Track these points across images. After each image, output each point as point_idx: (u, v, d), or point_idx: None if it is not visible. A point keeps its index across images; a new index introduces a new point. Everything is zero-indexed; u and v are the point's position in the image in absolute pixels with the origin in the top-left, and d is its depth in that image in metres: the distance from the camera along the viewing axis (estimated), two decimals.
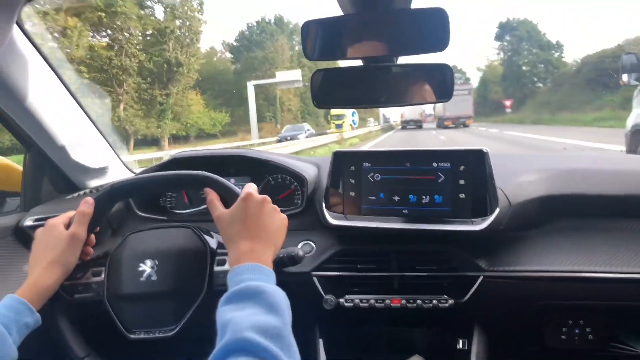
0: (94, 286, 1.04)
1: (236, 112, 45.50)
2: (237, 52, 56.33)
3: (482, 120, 50.85)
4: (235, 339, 0.66)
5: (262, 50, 53.14)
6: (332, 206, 1.29)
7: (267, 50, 53.03)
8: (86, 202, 1.01)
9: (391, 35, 0.93)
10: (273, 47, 53.49)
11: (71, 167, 1.55)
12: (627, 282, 1.18)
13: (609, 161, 1.60)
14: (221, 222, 0.92)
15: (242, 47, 56.14)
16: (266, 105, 49.31)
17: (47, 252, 0.96)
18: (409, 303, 1.22)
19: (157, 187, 1.14)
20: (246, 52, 54.66)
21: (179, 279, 1.01)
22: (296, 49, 57.81)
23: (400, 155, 1.26)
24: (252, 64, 52.42)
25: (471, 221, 1.19)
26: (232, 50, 57.22)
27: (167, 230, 1.11)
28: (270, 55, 52.69)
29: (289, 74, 38.17)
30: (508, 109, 43.24)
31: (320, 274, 1.28)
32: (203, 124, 41.80)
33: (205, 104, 44.07)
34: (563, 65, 58.43)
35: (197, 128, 40.79)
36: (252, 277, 0.79)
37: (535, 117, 39.41)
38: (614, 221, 1.29)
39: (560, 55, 60.57)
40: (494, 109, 58.34)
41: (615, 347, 1.28)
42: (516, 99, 52.53)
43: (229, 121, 44.87)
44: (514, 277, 1.22)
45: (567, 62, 58.50)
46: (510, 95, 55.82)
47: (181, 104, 37.46)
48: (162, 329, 0.98)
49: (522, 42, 62.10)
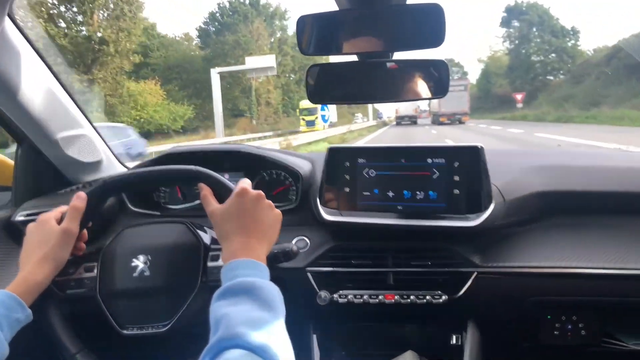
0: (86, 282, 1.03)
1: (207, 105, 38.13)
2: (207, 37, 49.57)
3: (485, 117, 47.18)
4: (228, 334, 0.65)
5: (234, 34, 46.46)
6: (327, 202, 1.29)
7: (240, 34, 46.33)
8: (79, 197, 1.00)
9: (387, 31, 0.92)
10: (247, 31, 46.90)
11: (63, 162, 1.53)
12: (619, 278, 1.19)
13: (603, 158, 1.61)
14: (215, 217, 0.92)
15: (212, 30, 49.79)
16: (242, 97, 45.51)
17: (39, 248, 0.95)
18: (402, 299, 1.23)
19: (151, 182, 1.13)
20: (216, 36, 48.31)
21: (172, 275, 1.01)
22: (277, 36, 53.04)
23: (395, 151, 1.26)
24: (222, 50, 45.94)
25: (466, 217, 1.19)
26: (201, 34, 50.62)
27: (161, 225, 1.11)
28: (243, 39, 46.12)
29: (260, 59, 33.84)
30: (519, 103, 37.38)
31: (314, 269, 1.28)
32: (161, 119, 35.19)
33: (169, 95, 38.55)
34: (579, 54, 51.34)
35: (157, 124, 34.56)
36: (246, 273, 0.79)
37: (559, 114, 32.91)
38: (607, 218, 1.30)
39: (575, 44, 53.32)
40: (498, 104, 53.38)
41: (607, 343, 1.29)
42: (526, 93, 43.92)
43: (193, 116, 39.38)
44: (507, 273, 1.22)
45: (584, 51, 51.71)
46: (519, 88, 49.32)
47: (116, 93, 30.30)
48: (155, 325, 0.98)
49: (532, 28, 54.52)
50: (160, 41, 43.86)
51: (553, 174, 1.36)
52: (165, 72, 41.01)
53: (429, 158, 1.23)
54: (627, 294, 1.22)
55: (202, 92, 40.78)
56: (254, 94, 45.29)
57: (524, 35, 55.66)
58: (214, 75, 30.75)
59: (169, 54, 43.75)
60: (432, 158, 1.23)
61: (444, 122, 36.28)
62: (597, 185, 1.32)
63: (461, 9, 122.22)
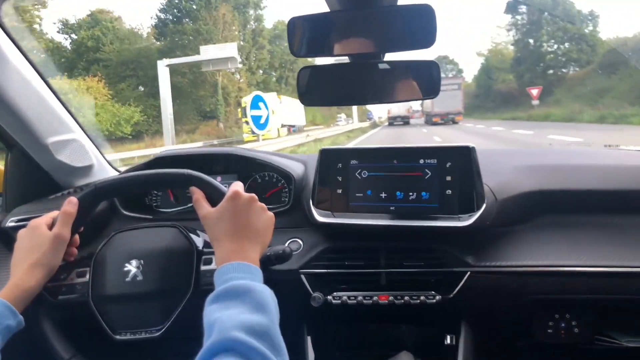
0: (78, 287, 1.02)
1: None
2: (164, 26, 41.47)
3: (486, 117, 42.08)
4: (222, 338, 0.65)
5: (195, 22, 39.50)
6: (320, 203, 1.29)
7: (201, 22, 39.08)
8: (70, 202, 0.99)
9: (378, 32, 0.93)
10: (210, 18, 39.39)
11: (54, 167, 1.52)
12: (611, 276, 1.20)
13: (593, 157, 1.62)
14: (207, 221, 0.91)
15: (169, 19, 41.81)
16: (208, 97, 39.28)
17: (30, 254, 0.94)
18: (396, 299, 1.23)
19: (142, 186, 1.13)
20: (174, 25, 40.93)
21: (165, 279, 1.00)
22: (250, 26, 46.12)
23: (387, 152, 1.26)
24: (180, 41, 39.12)
25: (458, 217, 1.20)
26: (158, 24, 42.02)
27: (153, 229, 1.10)
28: (204, 28, 38.96)
29: (218, 49, 27.84)
30: (535, 100, 29.99)
31: (308, 271, 1.28)
32: (102, 123, 28.21)
33: (120, 95, 32.90)
34: (600, 43, 41.30)
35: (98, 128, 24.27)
36: (239, 276, 0.79)
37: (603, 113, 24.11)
38: (599, 216, 1.31)
39: (594, 30, 44.24)
40: (502, 102, 47.40)
41: (600, 340, 1.29)
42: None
43: (142, 119, 32.48)
44: (500, 272, 1.23)
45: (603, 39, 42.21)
46: (527, 83, 41.59)
47: None
48: (149, 330, 0.97)
49: (543, 14, 44.26)
50: (114, 33, 37.96)
51: (544, 173, 1.37)
52: (118, 68, 35.49)
53: (421, 158, 1.23)
54: (619, 292, 1.23)
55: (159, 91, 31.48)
56: (220, 93, 39.47)
57: (533, 22, 47.27)
58: (162, 68, 25.21)
59: (123, 48, 37.62)
60: (424, 158, 1.23)
61: (437, 122, 34.99)
62: (587, 184, 1.33)
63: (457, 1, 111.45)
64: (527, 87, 36.91)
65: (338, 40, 0.95)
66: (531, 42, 48.45)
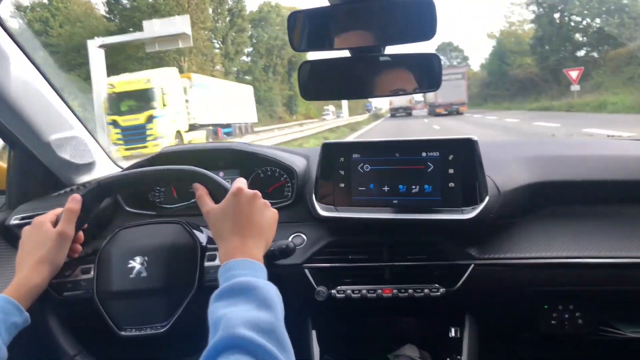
0: (83, 284, 1.03)
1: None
2: (116, 3, 35.70)
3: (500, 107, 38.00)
4: (228, 335, 0.65)
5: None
6: (322, 198, 1.29)
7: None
8: (73, 199, 0.99)
9: (378, 25, 0.92)
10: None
11: (57, 164, 1.52)
12: (615, 267, 1.20)
13: (596, 147, 1.61)
14: (211, 217, 0.91)
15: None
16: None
17: (35, 251, 0.95)
18: (400, 293, 1.23)
19: (146, 182, 1.13)
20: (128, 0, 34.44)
21: (169, 275, 1.00)
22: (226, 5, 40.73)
23: (390, 145, 1.26)
24: (130, 20, 32.20)
25: (461, 210, 1.20)
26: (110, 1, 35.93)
27: (157, 226, 1.10)
28: (162, 3, 32.71)
29: (166, 23, 21.97)
30: (575, 84, 21.73)
31: (311, 265, 1.28)
32: None
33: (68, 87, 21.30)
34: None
35: None
36: (243, 273, 0.79)
37: None
38: (602, 207, 1.30)
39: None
40: (518, 89, 41.31)
41: (604, 331, 1.29)
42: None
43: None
44: (504, 265, 1.23)
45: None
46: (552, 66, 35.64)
47: None
48: (153, 326, 0.97)
49: None
50: (66, 15, 32.61)
51: (547, 165, 1.36)
52: (68, 55, 29.82)
53: (423, 151, 1.23)
54: (623, 283, 1.22)
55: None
56: None
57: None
58: (94, 49, 19.82)
59: (74, 32, 31.53)
60: (426, 151, 1.23)
61: (441, 113, 33.71)
62: (590, 175, 1.33)
63: None
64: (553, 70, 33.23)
65: (338, 34, 0.95)
66: (557, 17, 39.73)
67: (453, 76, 33.31)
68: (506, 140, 2.40)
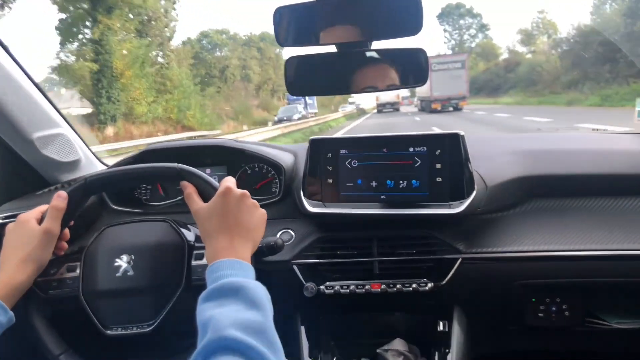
0: (68, 282, 1.02)
1: None
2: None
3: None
4: (217, 337, 0.65)
5: None
6: (310, 194, 1.29)
7: None
8: (59, 196, 0.98)
9: (364, 20, 0.92)
10: None
11: (41, 162, 1.50)
12: (601, 259, 1.21)
13: (582, 141, 1.63)
14: (199, 216, 0.91)
15: None
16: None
17: (19, 249, 0.93)
18: (389, 288, 1.23)
19: (133, 180, 1.12)
20: None
21: (156, 274, 0.99)
22: None
23: (377, 140, 1.26)
24: None
25: (449, 204, 1.20)
26: None
27: (143, 224, 1.09)
28: None
29: None
30: None
31: (300, 262, 1.28)
32: None
33: None
34: None
35: None
36: (231, 273, 0.79)
37: None
38: (587, 200, 1.32)
39: None
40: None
41: (590, 322, 1.31)
42: None
43: None
44: (491, 258, 1.24)
45: None
46: None
47: None
48: (140, 325, 0.97)
49: None
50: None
51: (534, 159, 1.38)
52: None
53: (411, 147, 1.23)
54: (609, 275, 1.24)
55: None
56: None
57: None
58: None
59: None
60: (413, 146, 1.23)
61: (436, 109, 28.79)
62: (576, 168, 1.34)
63: None
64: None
65: (324, 29, 0.94)
66: None
67: (452, 65, 29.49)
68: (493, 135, 2.43)
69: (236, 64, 55.45)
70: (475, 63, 63.24)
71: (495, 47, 68.58)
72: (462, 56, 31.51)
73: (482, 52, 69.33)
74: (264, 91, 58.42)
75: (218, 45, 57.23)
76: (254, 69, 57.70)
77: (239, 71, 55.65)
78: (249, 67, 57.06)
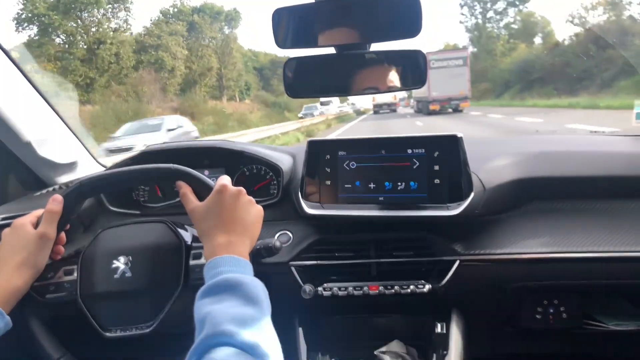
0: (66, 285, 1.01)
1: None
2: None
3: None
4: (214, 332, 0.65)
5: None
6: (309, 195, 1.29)
7: None
8: (54, 199, 0.97)
9: (363, 22, 0.92)
10: None
11: (38, 163, 1.50)
12: (599, 262, 1.21)
13: (580, 143, 1.63)
14: (195, 215, 0.91)
15: None
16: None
17: (15, 254, 0.93)
18: (386, 289, 1.23)
19: (129, 181, 1.11)
20: None
21: (154, 275, 0.99)
22: None
23: (375, 142, 1.26)
24: None
25: (447, 206, 1.20)
26: None
27: (140, 225, 1.09)
28: None
29: None
30: None
31: (298, 263, 1.28)
32: None
33: None
34: None
35: None
36: (229, 270, 0.79)
37: None
38: (585, 202, 1.32)
39: None
40: None
41: (588, 324, 1.31)
42: None
43: None
44: (489, 260, 1.24)
45: None
46: None
47: None
48: (139, 326, 0.96)
49: None
50: None
51: (531, 161, 1.38)
52: None
53: (409, 148, 1.23)
54: (606, 277, 1.24)
55: None
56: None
57: None
58: None
59: None
60: (412, 148, 1.23)
61: (435, 110, 26.01)
62: (574, 171, 1.34)
63: None
64: None
65: (323, 31, 0.95)
66: None
67: (452, 62, 26.48)
68: (491, 137, 2.43)
69: (130, 40, 35.32)
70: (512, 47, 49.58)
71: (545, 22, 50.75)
72: (464, 52, 28.56)
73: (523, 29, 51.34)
74: (201, 87, 40.17)
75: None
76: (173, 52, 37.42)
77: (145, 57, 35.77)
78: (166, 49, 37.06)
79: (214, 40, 44.04)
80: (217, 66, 42.76)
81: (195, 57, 40.91)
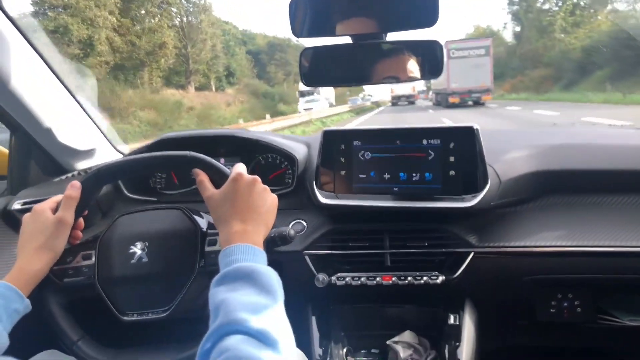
0: (84, 270, 1.03)
1: None
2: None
3: None
4: (228, 320, 0.66)
5: None
6: (323, 185, 1.29)
7: None
8: (73, 185, 0.99)
9: (380, 12, 0.92)
10: None
11: (58, 150, 1.52)
12: (614, 256, 1.20)
13: (598, 136, 1.61)
14: (211, 202, 0.92)
15: None
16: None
17: (35, 238, 0.95)
18: (400, 280, 1.24)
19: (146, 168, 1.13)
20: None
21: (170, 260, 1.01)
22: None
23: (391, 133, 1.26)
24: None
25: (462, 198, 1.20)
26: None
27: (157, 211, 1.10)
28: None
29: None
30: None
31: (311, 252, 1.29)
32: None
33: None
34: None
35: None
36: (243, 258, 0.79)
37: None
38: (602, 196, 1.30)
39: None
40: None
41: (602, 319, 1.30)
42: None
43: None
44: (504, 253, 1.23)
45: None
46: None
47: None
48: (155, 311, 0.98)
49: None
50: None
51: (548, 154, 1.36)
52: None
53: (425, 139, 1.23)
54: (622, 271, 1.23)
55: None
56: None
57: None
58: None
59: None
60: (427, 139, 1.23)
61: (454, 103, 24.50)
62: (591, 164, 1.32)
63: None
64: None
65: (340, 21, 0.94)
66: None
67: (473, 52, 24.68)
68: (507, 129, 2.41)
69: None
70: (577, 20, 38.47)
71: None
72: (486, 41, 26.11)
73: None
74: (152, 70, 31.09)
75: None
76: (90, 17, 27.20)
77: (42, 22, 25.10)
78: (76, 11, 26.65)
79: (169, 7, 32.99)
80: (175, 43, 33.07)
81: (141, 29, 30.56)
